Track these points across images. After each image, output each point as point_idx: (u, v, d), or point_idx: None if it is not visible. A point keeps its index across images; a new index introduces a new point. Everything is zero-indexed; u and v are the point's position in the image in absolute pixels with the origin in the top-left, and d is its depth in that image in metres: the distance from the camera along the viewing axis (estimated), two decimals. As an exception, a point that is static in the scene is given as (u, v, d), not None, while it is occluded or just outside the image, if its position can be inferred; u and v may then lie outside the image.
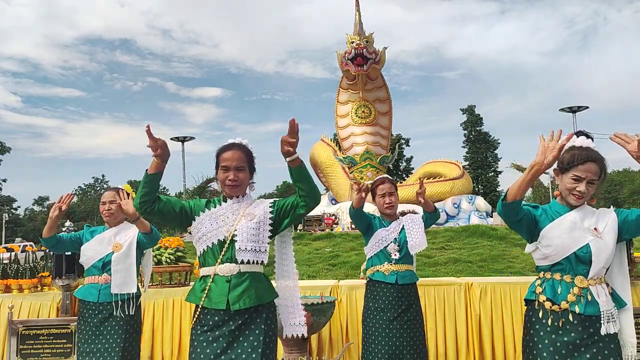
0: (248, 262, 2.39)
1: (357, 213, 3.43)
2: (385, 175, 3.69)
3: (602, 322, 2.17)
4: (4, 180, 56.66)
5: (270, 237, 2.47)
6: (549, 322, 2.22)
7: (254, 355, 2.27)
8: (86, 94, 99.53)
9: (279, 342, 4.31)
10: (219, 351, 2.29)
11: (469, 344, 4.50)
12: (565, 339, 2.18)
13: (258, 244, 2.41)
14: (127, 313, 3.29)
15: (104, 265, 3.38)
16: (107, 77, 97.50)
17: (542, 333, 2.23)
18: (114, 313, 3.26)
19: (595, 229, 2.26)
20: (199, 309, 2.38)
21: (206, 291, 2.36)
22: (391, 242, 3.46)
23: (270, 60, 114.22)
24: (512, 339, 4.39)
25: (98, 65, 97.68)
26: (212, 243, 2.42)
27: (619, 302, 2.30)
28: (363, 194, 3.37)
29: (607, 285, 2.31)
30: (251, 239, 2.40)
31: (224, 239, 2.41)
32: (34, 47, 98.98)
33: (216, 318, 2.33)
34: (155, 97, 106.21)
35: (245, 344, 2.30)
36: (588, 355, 2.15)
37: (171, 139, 25.54)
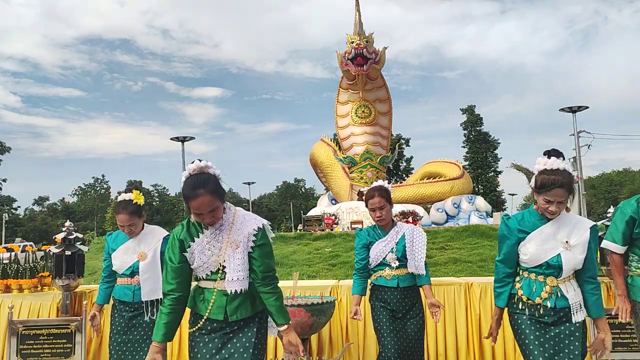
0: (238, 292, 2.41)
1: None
2: (377, 186, 3.63)
3: (572, 312, 2.63)
4: (4, 180, 56.68)
5: None
6: (527, 311, 2.70)
7: (245, 355, 2.40)
8: (86, 94, 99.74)
9: (279, 341, 4.32)
10: (214, 351, 2.42)
11: (469, 344, 4.50)
12: (540, 320, 2.67)
13: (246, 272, 2.43)
14: (155, 316, 3.46)
15: (133, 273, 3.54)
16: (107, 77, 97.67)
17: (523, 316, 2.72)
18: (145, 318, 3.49)
19: (566, 241, 2.62)
20: (200, 318, 2.46)
21: (209, 303, 2.43)
22: (388, 252, 3.55)
23: (270, 60, 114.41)
24: (512, 339, 4.38)
25: (98, 65, 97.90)
26: (206, 274, 2.47)
27: None
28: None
29: (576, 279, 2.73)
30: (238, 269, 2.40)
31: (216, 270, 2.44)
32: (34, 47, 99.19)
33: (215, 324, 2.45)
34: (155, 97, 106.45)
35: (238, 344, 2.43)
36: (557, 330, 2.64)
37: (171, 139, 25.44)
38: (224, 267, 2.42)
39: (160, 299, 3.46)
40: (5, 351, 4.23)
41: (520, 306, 2.71)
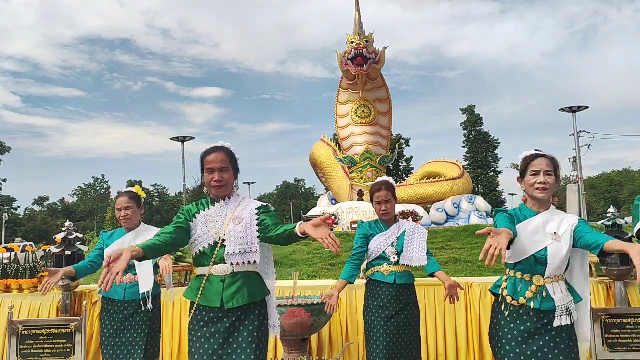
0: (239, 264, 2.49)
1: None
2: (384, 180, 3.66)
3: (556, 315, 2.47)
4: (4, 180, 56.69)
5: (259, 237, 2.52)
6: (509, 313, 2.54)
7: (248, 351, 2.42)
8: (86, 94, 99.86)
9: (279, 341, 4.32)
10: (216, 347, 2.44)
11: (469, 344, 4.50)
12: (522, 327, 2.49)
13: (247, 246, 2.50)
14: (150, 308, 3.47)
15: (127, 268, 3.47)
16: (107, 77, 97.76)
17: (503, 322, 2.55)
18: (141, 309, 3.46)
19: (555, 233, 2.52)
20: (195, 306, 2.53)
21: (202, 289, 2.50)
22: (389, 246, 3.56)
23: (270, 60, 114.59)
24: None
25: (98, 65, 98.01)
26: (204, 247, 2.53)
27: (576, 297, 2.60)
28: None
29: (565, 282, 2.58)
30: (239, 242, 2.49)
31: (214, 243, 2.52)
32: (34, 47, 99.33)
33: (211, 314, 2.48)
34: (155, 97, 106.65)
35: (240, 339, 2.45)
36: (541, 342, 2.46)
37: (171, 139, 25.49)
38: (223, 240, 2.50)
39: (158, 293, 3.54)
40: (5, 351, 4.23)
41: (502, 308, 2.57)
